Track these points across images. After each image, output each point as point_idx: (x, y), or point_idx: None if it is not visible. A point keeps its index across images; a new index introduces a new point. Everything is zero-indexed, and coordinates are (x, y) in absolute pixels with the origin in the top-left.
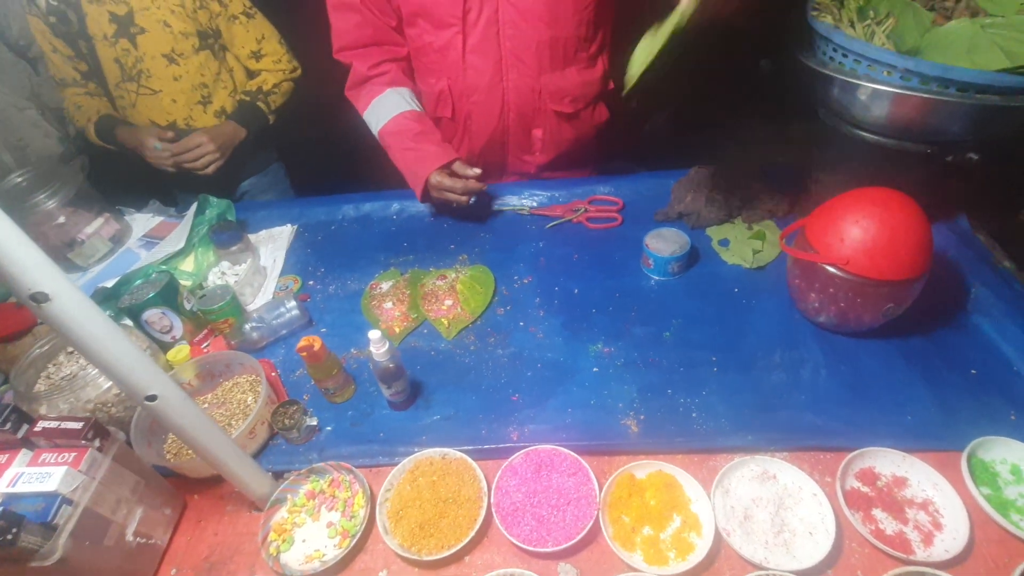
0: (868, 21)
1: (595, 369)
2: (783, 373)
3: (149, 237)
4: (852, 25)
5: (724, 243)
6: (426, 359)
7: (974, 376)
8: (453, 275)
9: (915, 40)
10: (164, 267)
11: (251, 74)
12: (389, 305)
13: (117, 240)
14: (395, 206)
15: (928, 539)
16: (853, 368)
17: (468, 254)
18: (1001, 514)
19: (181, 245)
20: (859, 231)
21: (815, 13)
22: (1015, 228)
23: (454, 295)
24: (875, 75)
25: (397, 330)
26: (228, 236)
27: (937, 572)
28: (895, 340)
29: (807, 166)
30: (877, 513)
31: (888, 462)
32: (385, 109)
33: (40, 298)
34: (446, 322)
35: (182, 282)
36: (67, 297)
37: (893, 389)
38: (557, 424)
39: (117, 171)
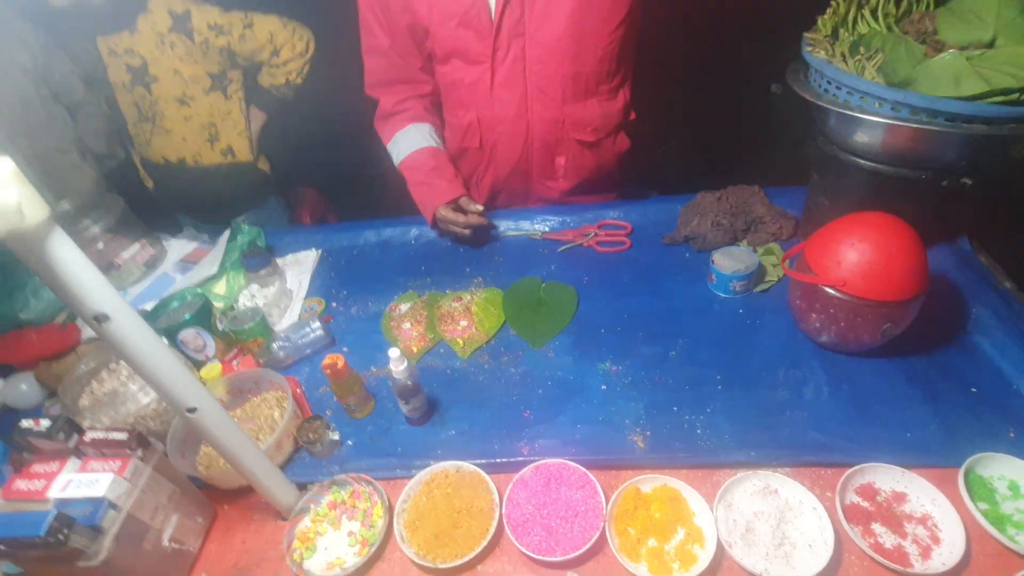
0: (859, 56)
1: (603, 387)
2: (786, 391)
3: (185, 262)
4: (844, 59)
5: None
6: (442, 377)
7: (974, 394)
8: (468, 297)
9: (908, 72)
10: (199, 290)
11: (276, 66)
12: (407, 326)
13: (152, 264)
14: (414, 231)
15: (926, 553)
16: (854, 386)
17: (483, 277)
18: (998, 528)
19: (215, 270)
20: (855, 254)
21: (809, 48)
22: (1016, 249)
23: (469, 316)
24: (867, 106)
25: (415, 349)
26: (257, 261)
27: None
28: (896, 359)
29: (810, 190)
30: (876, 527)
31: (888, 478)
32: (406, 144)
33: (102, 319)
34: (461, 342)
35: (215, 304)
36: (124, 318)
37: (894, 407)
38: (566, 439)
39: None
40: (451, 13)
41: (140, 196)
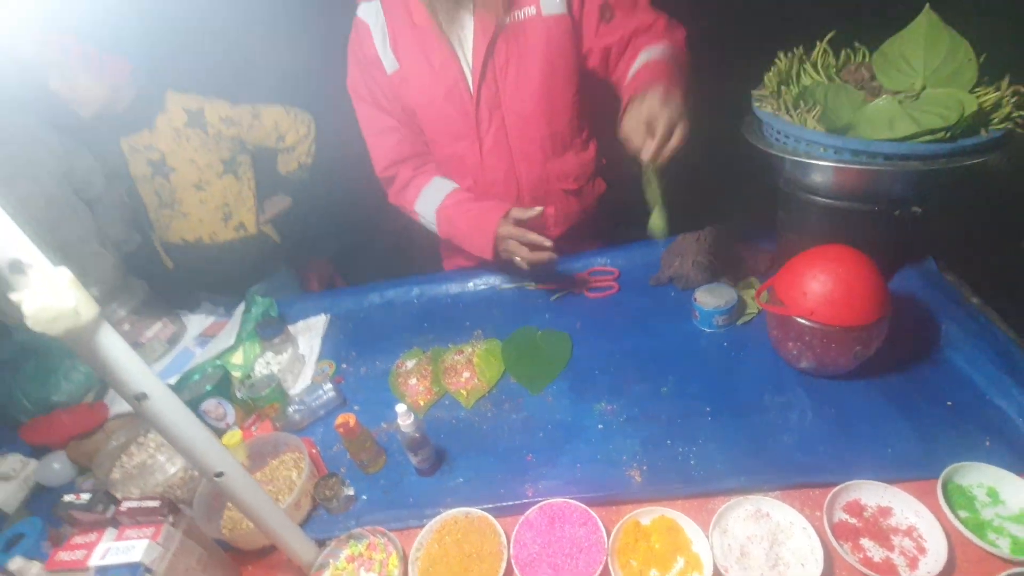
0: (800, 108)
1: (600, 426)
2: (772, 417)
3: (204, 336)
4: (788, 112)
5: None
6: (448, 428)
7: (950, 407)
8: (470, 349)
9: (850, 117)
10: (218, 361)
11: (287, 152)
12: (414, 381)
13: (174, 340)
14: (415, 291)
15: (913, 563)
16: (836, 408)
17: (482, 329)
18: (978, 535)
19: (232, 341)
20: (818, 285)
21: (758, 104)
22: (980, 266)
23: (471, 368)
24: (813, 152)
25: (422, 403)
26: (271, 329)
27: None
28: (874, 379)
29: (778, 227)
30: (864, 542)
31: (872, 493)
32: (437, 192)
33: (141, 398)
34: (465, 393)
35: (233, 373)
36: (160, 396)
37: (874, 425)
38: (567, 479)
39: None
40: (435, 95)
41: (160, 276)
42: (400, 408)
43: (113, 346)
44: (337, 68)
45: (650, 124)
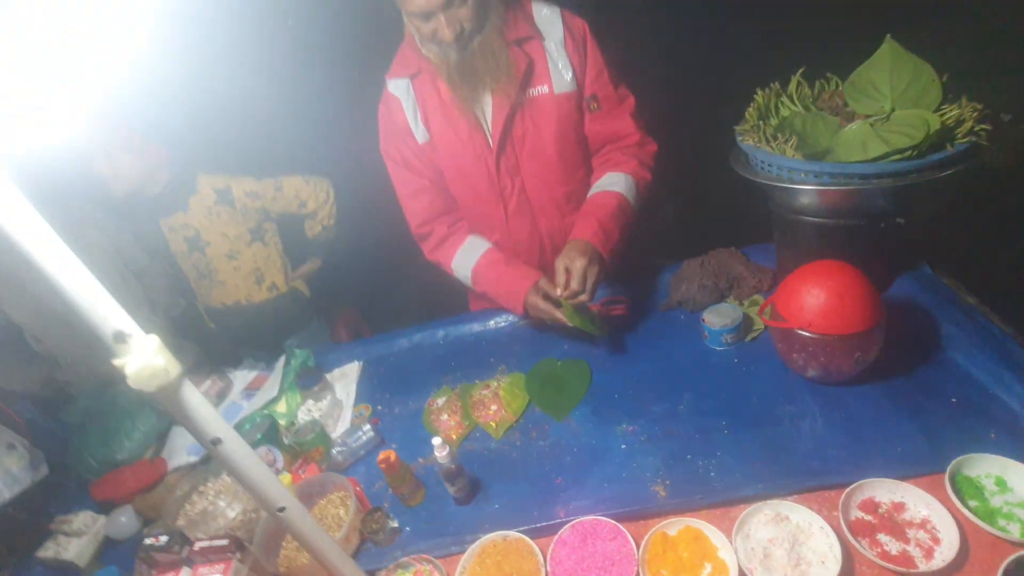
0: (778, 139)
1: (623, 446)
2: (785, 426)
3: (249, 389)
4: (768, 143)
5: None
6: (481, 458)
7: (954, 404)
8: (495, 383)
9: (828, 142)
10: (265, 411)
11: (310, 217)
12: (445, 417)
13: (222, 395)
14: (440, 333)
15: (929, 553)
16: (845, 413)
17: (506, 364)
18: (988, 522)
19: (275, 392)
20: (813, 298)
21: (740, 138)
22: (975, 267)
23: (498, 401)
24: (795, 178)
25: (454, 437)
26: (310, 379)
27: None
28: (879, 383)
29: (776, 246)
30: (882, 537)
31: (885, 491)
32: (472, 253)
33: (216, 442)
34: (494, 424)
35: (279, 422)
36: (231, 439)
37: (882, 426)
38: (596, 498)
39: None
40: (463, 163)
41: (205, 337)
42: (436, 441)
43: (193, 398)
44: (357, 135)
45: (569, 271)
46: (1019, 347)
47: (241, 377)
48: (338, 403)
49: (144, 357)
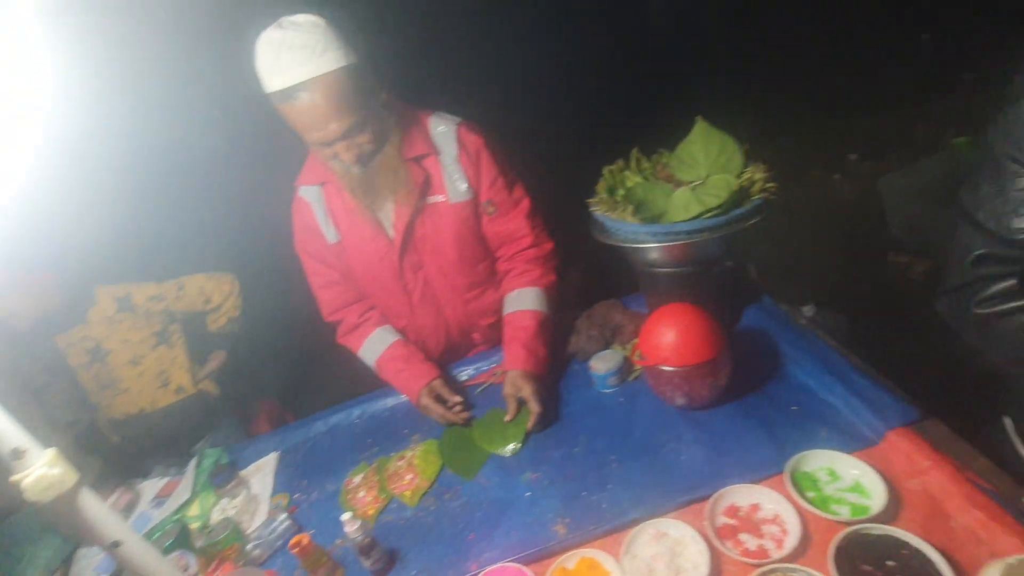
0: (619, 208)
1: (528, 494)
2: (662, 452)
3: (160, 497)
4: (614, 211)
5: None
6: (398, 529)
7: (794, 411)
8: (410, 453)
9: (664, 205)
10: (176, 517)
11: (215, 310)
12: (362, 494)
13: (130, 508)
14: (357, 412)
15: (780, 544)
16: (708, 432)
17: (420, 433)
18: (823, 509)
19: (187, 496)
20: (665, 337)
21: (593, 209)
22: (801, 292)
23: (413, 469)
24: (639, 239)
25: (371, 512)
26: (223, 477)
27: (787, 564)
28: (735, 401)
29: (643, 293)
30: (743, 536)
31: (743, 495)
32: (378, 345)
33: (117, 544)
34: (409, 493)
35: (191, 525)
36: (131, 541)
37: (739, 438)
38: (504, 546)
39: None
40: (369, 262)
41: (112, 450)
42: (345, 517)
43: (91, 503)
44: (262, 231)
45: (520, 400)
46: (838, 354)
47: (150, 486)
48: (254, 498)
49: (40, 469)
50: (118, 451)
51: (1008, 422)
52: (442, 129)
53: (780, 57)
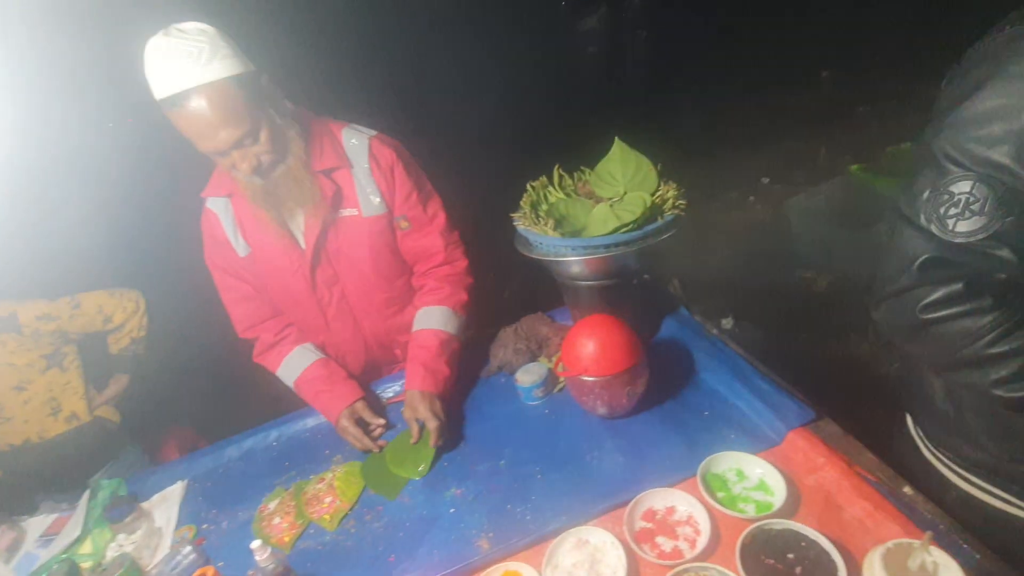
0: (541, 222)
1: (452, 510)
2: (585, 461)
3: (47, 535)
4: (536, 225)
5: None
6: (315, 555)
7: (706, 416)
8: (331, 475)
9: (584, 220)
10: (64, 556)
11: (117, 330)
12: (277, 520)
13: (13, 548)
14: (274, 434)
15: (693, 544)
16: (628, 439)
17: (341, 454)
18: (731, 508)
19: (77, 532)
20: (584, 348)
21: (516, 224)
22: (716, 305)
23: (333, 492)
24: (560, 252)
25: (287, 539)
26: (120, 511)
27: (699, 563)
28: (654, 408)
29: (567, 306)
30: (659, 539)
31: (660, 498)
32: (296, 364)
33: None
34: (328, 517)
35: (82, 565)
36: None
37: (656, 444)
38: (427, 566)
39: None
40: (281, 275)
41: None
42: (254, 545)
43: None
44: (172, 244)
45: (419, 419)
46: (745, 362)
47: (37, 523)
48: (156, 531)
49: None
50: (1, 486)
51: (909, 419)
52: (355, 142)
53: (697, 84)
